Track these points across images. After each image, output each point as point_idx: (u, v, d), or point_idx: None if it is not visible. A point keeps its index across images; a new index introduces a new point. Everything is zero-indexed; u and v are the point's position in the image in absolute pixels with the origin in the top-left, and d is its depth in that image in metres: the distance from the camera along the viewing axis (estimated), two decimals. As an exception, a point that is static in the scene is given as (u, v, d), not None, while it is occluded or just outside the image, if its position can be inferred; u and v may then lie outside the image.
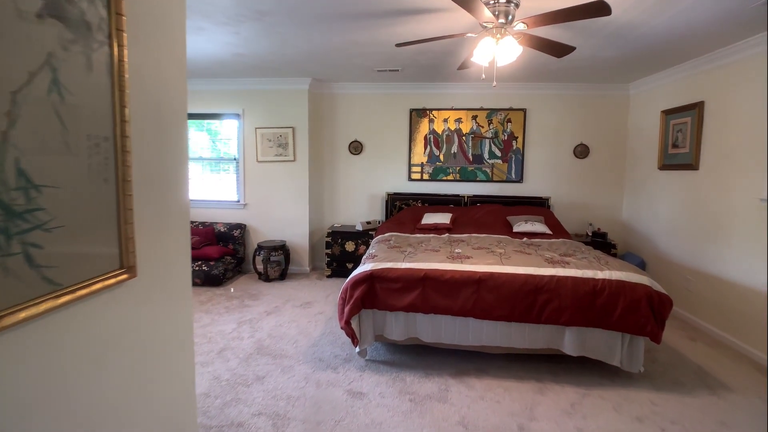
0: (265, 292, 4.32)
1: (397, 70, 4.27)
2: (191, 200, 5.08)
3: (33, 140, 0.76)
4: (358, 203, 5.26)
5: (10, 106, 0.71)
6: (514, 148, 4.95)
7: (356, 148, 5.15)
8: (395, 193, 5.08)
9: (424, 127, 5.04)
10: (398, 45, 2.67)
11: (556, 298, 2.59)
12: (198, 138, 5.15)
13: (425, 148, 5.07)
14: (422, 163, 5.09)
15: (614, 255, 4.44)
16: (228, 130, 5.11)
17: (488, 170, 5.01)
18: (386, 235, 3.95)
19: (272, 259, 4.78)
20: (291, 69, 4.37)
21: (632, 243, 4.69)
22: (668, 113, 4.00)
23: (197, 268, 4.45)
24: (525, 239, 3.78)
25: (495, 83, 2.71)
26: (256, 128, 4.96)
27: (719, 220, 3.36)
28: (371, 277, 2.73)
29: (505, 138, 4.95)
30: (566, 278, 2.63)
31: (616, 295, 2.55)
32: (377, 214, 5.21)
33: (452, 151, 5.04)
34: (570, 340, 2.63)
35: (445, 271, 2.71)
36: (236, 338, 3.18)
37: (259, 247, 4.72)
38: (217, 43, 3.49)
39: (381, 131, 5.11)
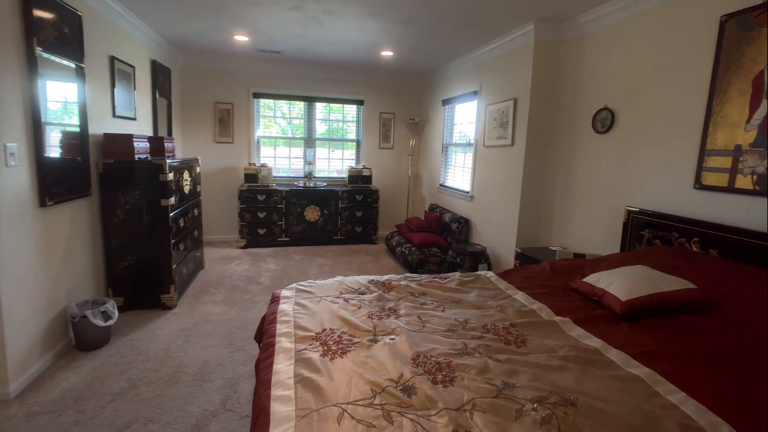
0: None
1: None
2: (446, 187, 5.00)
3: None
4: (593, 219, 3.01)
5: None
6: None
7: (603, 121, 2.89)
8: (647, 213, 2.44)
9: (754, 57, 1.95)
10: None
11: None
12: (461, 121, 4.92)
13: (753, 108, 1.98)
14: (739, 147, 2.04)
15: None
16: (466, 112, 4.50)
17: None
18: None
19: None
20: (499, 11, 3.02)
21: None
22: None
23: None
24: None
25: None
26: (486, 106, 4.05)
27: None
28: None
29: None
30: None
31: None
32: (612, 243, 2.76)
33: None
34: None
35: None
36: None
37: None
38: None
39: (650, 81, 2.53)
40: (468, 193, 4.46)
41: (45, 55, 2.24)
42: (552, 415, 0.99)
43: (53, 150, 2.37)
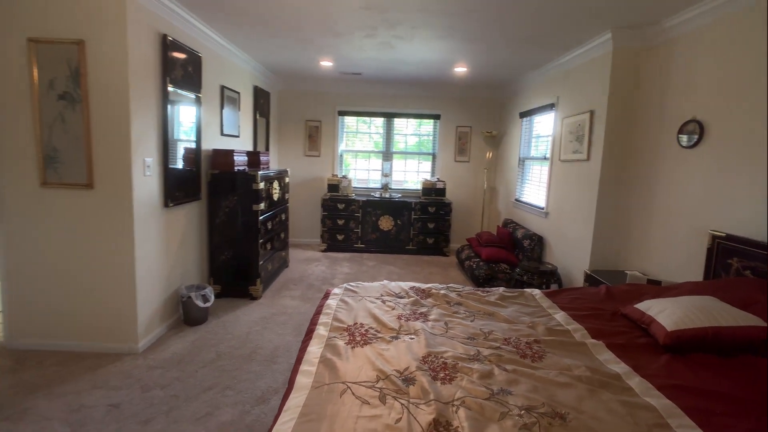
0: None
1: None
2: (521, 202, 4.90)
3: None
4: (674, 243, 2.70)
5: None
6: None
7: (691, 134, 2.60)
8: (736, 239, 2.13)
9: None
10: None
11: None
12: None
13: None
14: None
15: None
16: (544, 125, 4.34)
17: None
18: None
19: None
20: (572, 22, 2.97)
21: None
22: None
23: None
24: None
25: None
26: (563, 119, 3.89)
27: None
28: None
29: None
30: None
31: None
32: (694, 270, 2.44)
33: None
34: None
35: None
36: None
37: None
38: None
39: (749, 89, 2.22)
40: (543, 209, 4.29)
41: (176, 90, 2.90)
42: (536, 423, 1.03)
43: (176, 162, 3.02)
